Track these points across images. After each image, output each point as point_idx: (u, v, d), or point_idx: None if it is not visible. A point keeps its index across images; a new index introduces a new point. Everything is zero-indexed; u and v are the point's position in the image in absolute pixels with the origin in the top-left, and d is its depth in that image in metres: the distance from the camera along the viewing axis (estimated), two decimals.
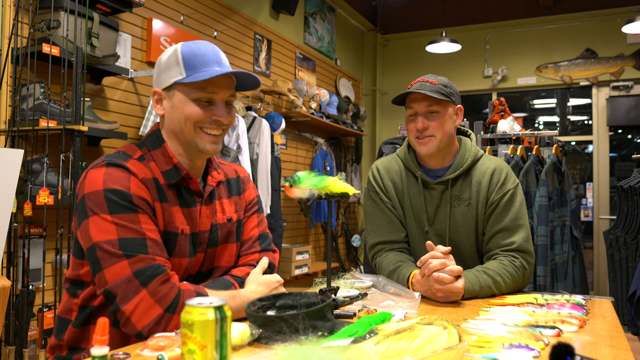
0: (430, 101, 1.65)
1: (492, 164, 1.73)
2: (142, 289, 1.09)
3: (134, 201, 1.14)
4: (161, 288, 1.10)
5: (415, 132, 1.68)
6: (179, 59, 1.23)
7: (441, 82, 1.68)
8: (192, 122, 1.23)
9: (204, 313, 0.74)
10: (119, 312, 1.10)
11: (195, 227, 1.27)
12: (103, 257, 1.10)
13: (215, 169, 1.36)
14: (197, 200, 1.29)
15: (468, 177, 1.72)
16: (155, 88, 1.27)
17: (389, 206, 1.78)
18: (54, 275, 2.63)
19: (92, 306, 1.20)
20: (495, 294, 1.53)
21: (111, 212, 1.12)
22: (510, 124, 4.00)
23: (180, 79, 1.22)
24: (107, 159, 1.19)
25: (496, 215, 1.67)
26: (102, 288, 1.11)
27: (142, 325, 1.09)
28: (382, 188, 1.80)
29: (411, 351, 0.87)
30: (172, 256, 1.22)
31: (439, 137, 1.66)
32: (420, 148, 1.69)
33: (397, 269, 1.62)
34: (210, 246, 1.31)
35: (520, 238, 1.64)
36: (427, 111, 1.66)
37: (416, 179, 1.75)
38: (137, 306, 1.09)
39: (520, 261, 1.61)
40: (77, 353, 1.20)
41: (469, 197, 1.70)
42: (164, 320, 1.10)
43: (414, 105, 1.68)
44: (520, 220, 1.66)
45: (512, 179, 1.71)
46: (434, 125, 1.65)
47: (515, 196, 1.69)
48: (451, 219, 1.71)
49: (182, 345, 0.75)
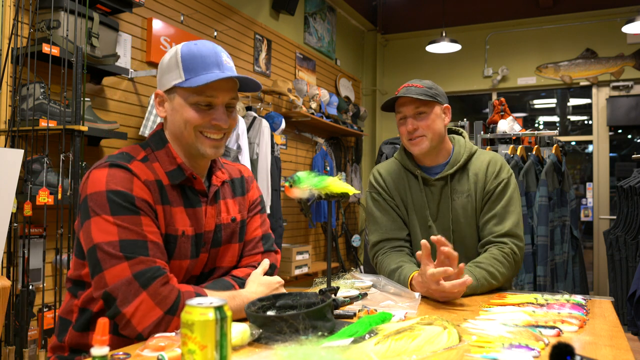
0: (416, 103, 1.73)
1: (487, 156, 1.82)
2: (142, 291, 1.09)
3: (136, 203, 1.14)
4: (161, 290, 1.10)
5: (407, 134, 1.76)
6: (179, 61, 1.21)
7: (425, 85, 1.76)
8: (192, 127, 1.22)
9: (204, 313, 0.74)
10: (119, 315, 1.10)
11: (200, 228, 1.27)
12: (103, 258, 1.10)
13: (220, 169, 1.35)
14: (202, 200, 1.28)
15: (465, 170, 1.80)
16: (157, 90, 1.27)
17: (392, 204, 1.83)
18: (54, 275, 2.63)
19: (91, 311, 1.19)
20: (493, 284, 1.59)
21: (113, 213, 1.12)
22: (510, 124, 4.01)
23: (179, 83, 1.20)
24: (110, 159, 1.18)
25: (490, 203, 1.76)
26: (101, 290, 1.11)
27: (142, 328, 1.09)
28: (384, 188, 1.85)
29: (411, 351, 0.87)
30: (172, 258, 1.22)
31: (430, 136, 1.74)
32: (413, 148, 1.77)
33: (399, 269, 1.64)
34: (214, 246, 1.31)
35: (510, 223, 1.72)
36: (415, 113, 1.74)
37: (416, 178, 1.82)
38: (138, 308, 1.08)
39: (510, 246, 1.68)
40: (79, 355, 1.20)
41: (467, 189, 1.78)
42: (165, 322, 1.10)
43: (402, 109, 1.76)
44: (512, 206, 1.74)
45: (506, 168, 1.80)
46: (423, 125, 1.73)
47: (508, 184, 1.77)
48: (453, 212, 1.78)
49: (182, 346, 0.75)
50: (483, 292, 1.57)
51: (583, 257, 3.99)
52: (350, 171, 5.84)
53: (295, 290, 1.23)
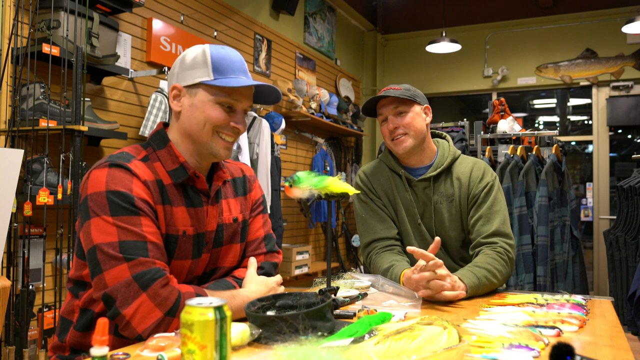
0: (395, 103, 1.75)
1: (470, 161, 1.84)
2: (142, 293, 1.08)
3: (136, 203, 1.14)
4: (161, 292, 1.10)
5: (389, 133, 1.78)
6: (208, 60, 1.23)
7: (403, 87, 1.78)
8: (212, 125, 1.23)
9: (203, 313, 0.74)
10: (119, 317, 1.10)
11: (202, 227, 1.27)
12: (103, 259, 1.10)
13: (221, 169, 1.35)
14: (203, 199, 1.28)
15: (449, 175, 1.82)
16: (175, 84, 1.26)
17: (380, 204, 1.85)
18: (54, 275, 2.63)
19: (93, 311, 1.19)
20: (494, 283, 1.59)
21: (112, 213, 1.12)
22: (510, 124, 4.01)
23: (207, 80, 1.22)
24: (110, 159, 1.18)
25: (476, 206, 1.77)
26: (101, 291, 1.10)
27: (142, 329, 1.09)
28: (370, 189, 1.87)
29: (411, 351, 0.87)
30: (173, 258, 1.22)
31: (412, 134, 1.76)
32: (397, 148, 1.78)
33: (391, 268, 1.66)
34: (216, 246, 1.31)
35: (497, 222, 1.73)
36: (395, 112, 1.76)
37: (401, 178, 1.83)
38: (137, 310, 1.08)
39: (501, 245, 1.69)
40: (80, 355, 1.20)
41: (451, 194, 1.79)
42: (164, 324, 1.09)
43: (382, 110, 1.79)
44: (496, 206, 1.76)
45: (489, 172, 1.83)
46: (404, 123, 1.75)
47: (493, 187, 1.79)
48: (436, 215, 1.80)
49: (182, 346, 0.75)
50: (484, 292, 1.57)
51: (583, 257, 3.99)
52: (350, 171, 5.84)
53: (295, 290, 1.23)
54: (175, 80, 1.27)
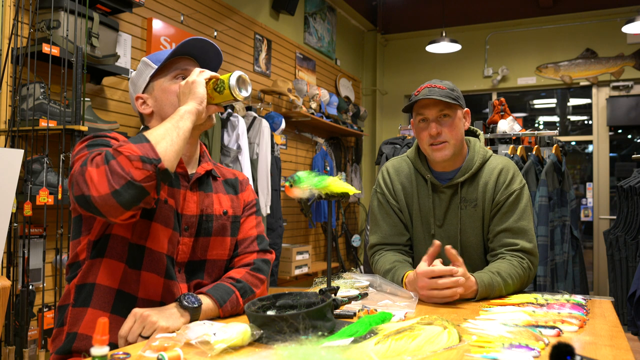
0: (441, 106, 1.63)
1: (499, 163, 1.72)
2: (102, 165, 1.07)
3: (111, 143, 1.20)
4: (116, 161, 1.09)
5: (429, 138, 1.65)
6: (147, 61, 1.35)
7: (448, 86, 1.66)
8: (176, 95, 1.31)
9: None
10: (85, 195, 1.06)
11: (179, 208, 1.30)
12: (74, 165, 1.14)
13: (207, 161, 1.40)
14: (183, 183, 1.31)
15: (476, 178, 1.71)
16: (135, 95, 1.36)
17: (395, 209, 1.78)
18: (54, 275, 2.63)
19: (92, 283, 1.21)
20: (502, 295, 1.52)
21: (88, 146, 1.19)
22: (510, 124, 4.00)
23: (152, 72, 1.33)
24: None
25: (501, 215, 1.66)
26: (72, 189, 1.11)
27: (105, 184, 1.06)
28: (390, 190, 1.79)
29: (411, 351, 0.87)
30: (153, 220, 1.23)
31: (453, 142, 1.65)
32: (436, 155, 1.66)
33: (393, 269, 1.63)
34: (203, 235, 1.33)
35: (526, 240, 1.63)
36: (439, 116, 1.64)
37: (425, 182, 1.74)
38: (95, 171, 1.07)
39: (527, 262, 1.61)
40: (75, 340, 1.20)
41: (475, 199, 1.70)
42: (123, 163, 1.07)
43: (424, 111, 1.65)
44: (524, 221, 1.65)
45: (518, 179, 1.70)
46: (447, 130, 1.63)
47: (521, 197, 1.67)
48: (458, 221, 1.70)
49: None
50: (495, 295, 1.50)
51: (583, 257, 3.99)
52: (350, 171, 5.84)
53: (295, 290, 1.23)
54: (134, 94, 1.37)
